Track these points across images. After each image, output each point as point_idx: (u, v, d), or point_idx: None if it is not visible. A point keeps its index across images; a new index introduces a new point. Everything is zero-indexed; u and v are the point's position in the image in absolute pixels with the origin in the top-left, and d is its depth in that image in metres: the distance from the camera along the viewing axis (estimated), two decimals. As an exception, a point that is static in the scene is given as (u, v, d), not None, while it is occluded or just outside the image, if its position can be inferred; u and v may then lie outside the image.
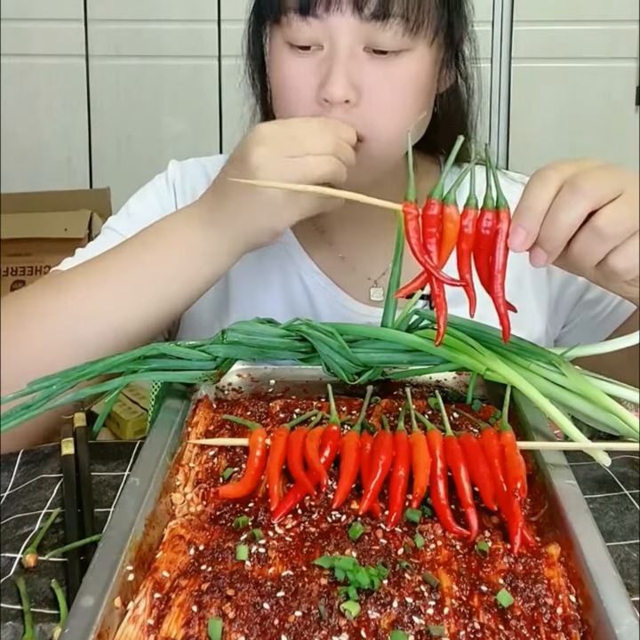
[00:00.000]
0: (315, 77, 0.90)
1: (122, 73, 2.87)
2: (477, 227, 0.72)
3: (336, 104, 0.89)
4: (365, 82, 0.90)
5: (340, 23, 0.89)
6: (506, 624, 0.56)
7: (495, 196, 0.71)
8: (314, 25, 0.90)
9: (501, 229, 0.71)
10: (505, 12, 2.82)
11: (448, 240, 0.72)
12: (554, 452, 0.72)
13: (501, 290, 0.72)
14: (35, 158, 2.90)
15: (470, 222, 0.71)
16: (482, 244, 0.72)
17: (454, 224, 0.71)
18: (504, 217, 0.71)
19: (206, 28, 2.80)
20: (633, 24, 2.77)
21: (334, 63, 0.89)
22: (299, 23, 0.90)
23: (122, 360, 0.81)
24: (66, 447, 0.83)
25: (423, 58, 0.92)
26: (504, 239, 0.71)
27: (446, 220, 0.71)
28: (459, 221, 0.71)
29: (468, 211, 0.71)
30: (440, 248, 0.72)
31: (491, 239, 0.71)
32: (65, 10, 2.82)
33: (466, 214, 0.72)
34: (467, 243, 0.72)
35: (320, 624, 0.55)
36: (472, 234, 0.71)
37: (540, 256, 0.72)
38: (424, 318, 0.85)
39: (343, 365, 0.83)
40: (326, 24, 0.89)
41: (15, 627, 0.61)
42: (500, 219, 0.71)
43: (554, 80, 2.87)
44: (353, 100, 0.89)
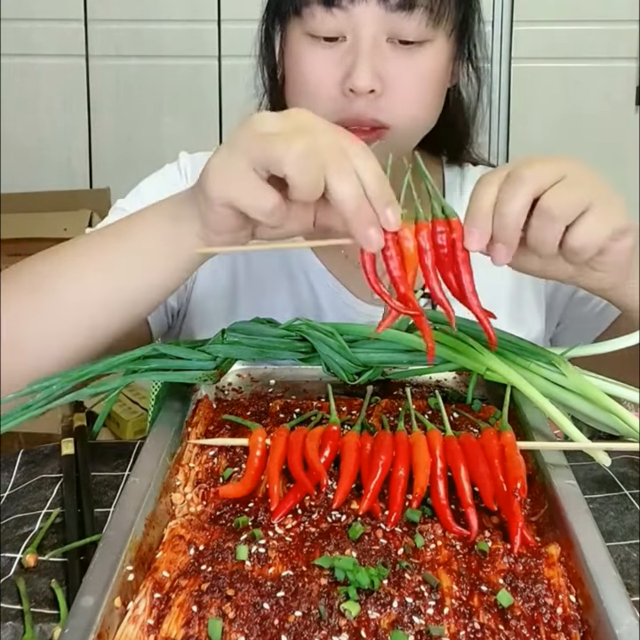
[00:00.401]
0: (339, 69, 0.91)
1: (122, 73, 2.87)
2: (433, 239, 0.71)
3: (361, 94, 0.90)
4: (389, 72, 0.91)
5: (365, 13, 0.89)
6: (506, 624, 0.56)
7: (441, 206, 0.71)
8: (338, 16, 0.90)
9: (456, 237, 0.71)
10: (505, 12, 2.82)
11: (410, 260, 0.71)
12: (554, 452, 0.72)
13: (475, 297, 0.72)
14: (35, 158, 2.90)
15: (425, 236, 0.71)
16: (442, 254, 0.71)
17: (412, 242, 0.70)
18: (455, 224, 0.71)
19: (206, 27, 2.81)
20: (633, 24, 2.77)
21: (359, 54, 0.89)
22: (323, 14, 0.90)
23: (122, 360, 0.81)
24: (66, 447, 0.83)
25: (442, 49, 0.94)
26: (461, 245, 0.71)
27: (403, 240, 0.70)
28: (414, 238, 0.70)
29: (420, 225, 0.71)
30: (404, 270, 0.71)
31: (449, 248, 0.71)
32: (65, 10, 2.82)
33: (419, 229, 0.71)
34: (428, 257, 0.71)
35: (320, 624, 0.55)
36: (430, 247, 0.71)
37: (499, 251, 0.72)
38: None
39: (343, 365, 0.83)
40: (351, 15, 0.90)
41: (15, 627, 0.61)
42: (453, 226, 0.71)
43: (554, 80, 2.87)
44: (378, 90, 0.90)
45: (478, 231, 0.71)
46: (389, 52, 0.91)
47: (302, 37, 0.93)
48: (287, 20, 0.95)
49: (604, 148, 2.65)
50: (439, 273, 0.72)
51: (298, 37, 0.94)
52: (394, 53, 0.91)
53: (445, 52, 0.95)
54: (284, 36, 0.97)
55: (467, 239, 0.71)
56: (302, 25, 0.93)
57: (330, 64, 0.91)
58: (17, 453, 0.85)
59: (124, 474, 0.80)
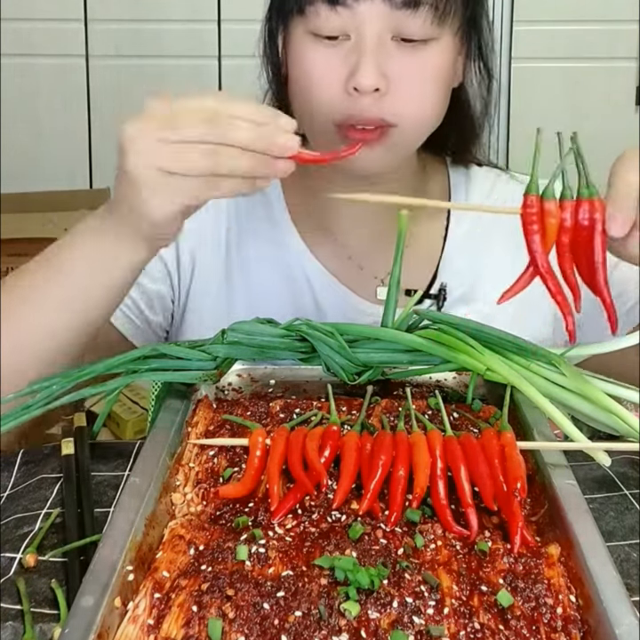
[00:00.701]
0: (343, 67, 0.90)
1: (122, 73, 2.87)
2: (575, 218, 0.70)
3: (365, 93, 0.89)
4: (394, 70, 0.90)
5: (370, 11, 0.89)
6: (506, 624, 0.56)
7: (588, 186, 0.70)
8: (342, 14, 0.90)
9: (597, 218, 0.70)
10: (505, 12, 2.82)
11: (549, 235, 0.71)
12: (554, 452, 0.72)
13: (605, 282, 0.71)
14: (35, 158, 2.90)
15: (569, 215, 0.70)
16: (580, 235, 0.71)
17: (555, 219, 0.70)
18: (599, 205, 0.70)
19: (206, 27, 2.80)
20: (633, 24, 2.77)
21: (364, 52, 0.89)
22: (327, 12, 0.90)
23: (122, 360, 0.81)
24: (66, 447, 0.83)
25: (448, 48, 0.93)
26: (601, 228, 0.70)
27: (547, 216, 0.70)
28: (559, 215, 0.70)
29: (565, 203, 0.70)
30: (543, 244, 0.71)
31: (588, 230, 0.70)
32: (65, 10, 2.82)
33: (564, 207, 0.70)
34: (566, 236, 0.71)
35: (320, 624, 0.55)
36: (571, 226, 0.71)
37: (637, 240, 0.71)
38: (424, 318, 0.85)
39: (343, 365, 0.83)
40: (356, 13, 0.89)
41: (15, 627, 0.61)
42: (595, 207, 0.70)
43: (554, 80, 2.87)
44: (383, 88, 0.89)
45: (622, 218, 0.70)
46: (394, 50, 0.91)
47: (305, 36, 0.93)
48: (290, 18, 0.95)
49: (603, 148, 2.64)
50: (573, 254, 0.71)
51: (301, 36, 0.93)
52: (398, 52, 0.91)
53: (451, 51, 0.94)
54: (287, 35, 0.97)
55: (609, 224, 0.70)
56: (306, 23, 0.92)
57: (334, 63, 0.91)
58: (17, 453, 0.85)
59: (124, 474, 0.80)
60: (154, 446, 0.73)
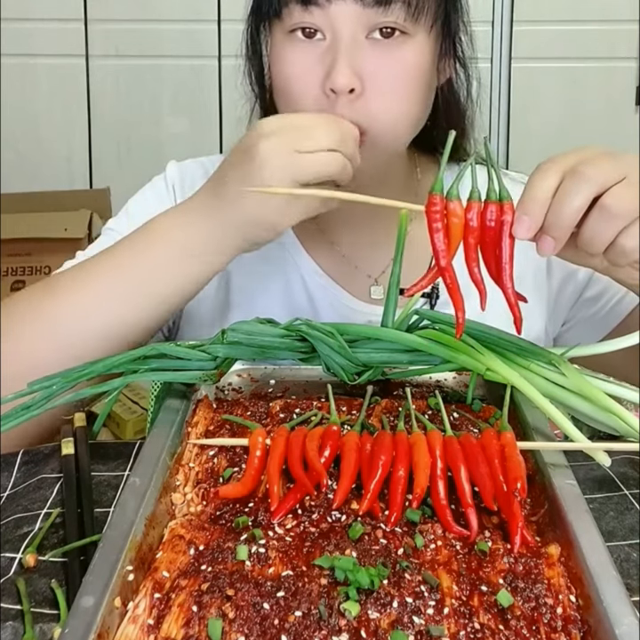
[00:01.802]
0: (319, 68, 0.90)
1: (122, 73, 2.87)
2: (482, 219, 0.72)
3: (341, 94, 0.89)
4: (369, 69, 0.90)
5: (343, 11, 0.89)
6: (506, 624, 0.56)
7: (497, 189, 0.72)
8: (316, 14, 0.90)
9: (506, 220, 0.71)
10: (505, 12, 2.82)
11: (454, 235, 0.72)
12: (554, 452, 0.72)
13: (510, 281, 0.72)
14: (35, 158, 2.90)
15: (475, 215, 0.71)
16: (487, 236, 0.72)
17: (459, 218, 0.71)
18: (508, 208, 0.72)
19: (206, 28, 2.80)
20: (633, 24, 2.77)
21: (338, 52, 0.89)
22: (301, 13, 0.90)
23: (122, 360, 0.81)
24: (66, 447, 0.83)
25: (423, 45, 0.93)
26: (509, 230, 0.71)
27: (451, 215, 0.71)
28: (463, 215, 0.72)
29: (472, 204, 0.72)
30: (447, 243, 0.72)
31: (496, 231, 0.72)
32: (65, 10, 2.82)
33: (470, 207, 0.72)
34: (473, 236, 0.72)
35: (320, 624, 0.55)
36: (477, 227, 0.72)
37: (548, 244, 0.72)
38: (424, 318, 0.85)
39: (343, 365, 0.83)
40: (328, 12, 0.89)
41: (15, 627, 0.61)
42: (504, 210, 0.72)
43: (554, 80, 2.87)
44: (358, 88, 0.89)
45: (530, 220, 0.71)
46: (369, 49, 0.90)
47: (283, 38, 0.93)
48: (268, 21, 0.96)
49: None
50: (481, 253, 0.72)
51: (280, 39, 0.94)
52: (373, 51, 0.90)
53: (427, 49, 0.94)
54: (266, 38, 0.98)
55: (516, 226, 0.71)
56: (282, 25, 0.93)
57: (311, 63, 0.91)
58: (17, 453, 0.85)
59: (124, 474, 0.80)
60: (154, 446, 0.73)
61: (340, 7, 0.89)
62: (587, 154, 0.73)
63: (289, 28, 0.92)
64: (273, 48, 0.96)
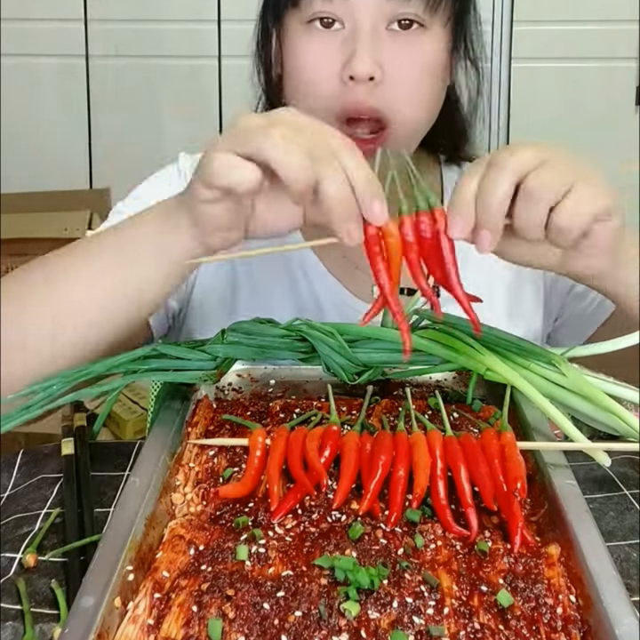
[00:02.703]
0: (338, 57, 0.91)
1: (122, 73, 2.87)
2: (417, 231, 0.71)
3: (360, 82, 0.89)
4: (388, 60, 0.91)
5: (364, 0, 0.89)
6: (506, 624, 0.56)
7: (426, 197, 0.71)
8: (336, 3, 0.90)
9: (440, 227, 0.70)
10: (505, 11, 2.82)
11: (394, 254, 0.70)
12: (554, 452, 0.72)
13: (458, 284, 0.71)
14: (35, 158, 2.90)
15: (409, 229, 0.70)
16: (426, 245, 0.71)
17: (394, 237, 0.70)
18: (439, 214, 0.71)
19: (206, 27, 2.80)
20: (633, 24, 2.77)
21: (359, 40, 0.89)
22: (321, 2, 0.91)
23: (122, 360, 0.80)
24: (66, 447, 0.83)
25: (439, 39, 0.94)
26: (444, 234, 0.71)
27: (387, 236, 0.70)
28: (398, 233, 0.70)
29: (403, 218, 0.70)
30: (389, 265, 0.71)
31: (433, 239, 0.71)
32: (65, 10, 2.82)
33: (402, 222, 0.70)
34: (413, 251, 0.71)
35: (320, 624, 0.55)
36: (414, 241, 0.71)
37: (484, 238, 0.71)
38: (424, 318, 0.85)
39: (343, 365, 0.83)
40: (350, 2, 0.90)
41: (15, 627, 0.61)
42: (436, 217, 0.70)
43: (554, 80, 2.87)
44: (378, 77, 0.90)
45: (461, 219, 0.70)
46: (388, 39, 0.91)
47: (300, 28, 0.93)
48: (285, 12, 0.95)
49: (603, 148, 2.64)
50: (425, 264, 0.71)
51: (296, 29, 0.94)
52: (392, 41, 0.91)
53: (442, 42, 0.95)
54: (282, 31, 0.97)
55: (450, 227, 0.70)
56: (300, 15, 0.93)
57: (329, 52, 0.91)
58: (17, 453, 0.85)
59: (124, 474, 0.80)
60: (154, 446, 0.73)
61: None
62: (505, 147, 0.74)
63: (307, 18, 0.92)
64: (288, 39, 0.95)
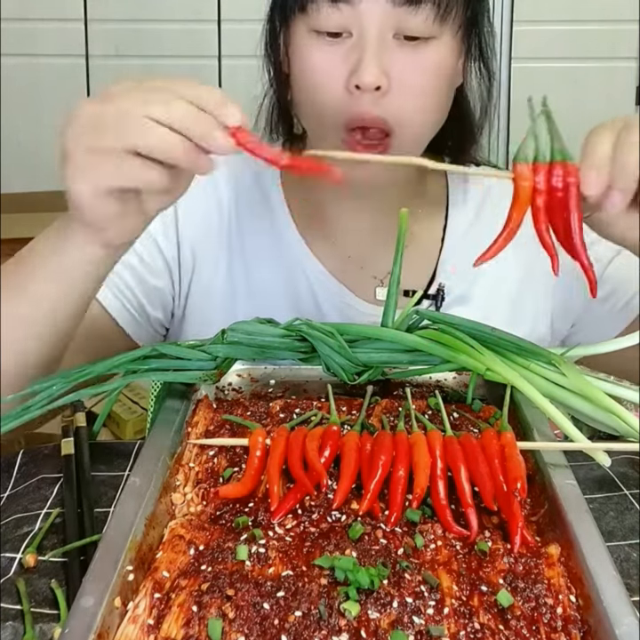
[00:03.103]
0: (344, 65, 0.90)
1: (122, 73, 2.87)
2: (549, 181, 0.71)
3: (367, 91, 0.89)
4: (395, 69, 0.90)
5: (372, 8, 0.89)
6: (506, 624, 0.56)
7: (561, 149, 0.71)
8: (344, 11, 0.89)
9: (572, 181, 0.70)
10: (505, 12, 2.82)
11: (523, 199, 0.71)
12: (554, 452, 0.72)
13: (581, 244, 0.71)
14: (35, 158, 2.90)
15: (543, 177, 0.71)
16: (555, 198, 0.71)
17: (528, 181, 0.71)
18: (573, 169, 0.71)
19: (206, 28, 2.81)
20: (633, 24, 2.77)
21: (366, 49, 0.89)
22: (329, 10, 0.90)
23: (122, 360, 0.80)
24: (66, 447, 0.83)
25: (449, 47, 0.93)
26: (576, 190, 0.70)
27: (519, 179, 0.70)
28: (531, 178, 0.71)
29: (539, 166, 0.71)
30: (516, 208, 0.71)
31: (564, 192, 0.70)
32: (65, 10, 2.83)
33: (537, 170, 0.71)
34: (540, 199, 0.71)
35: (320, 624, 0.55)
36: (545, 189, 0.71)
37: (616, 197, 0.71)
38: (424, 318, 0.85)
39: (343, 365, 0.83)
40: (357, 10, 0.89)
41: (15, 627, 0.61)
42: (570, 171, 0.71)
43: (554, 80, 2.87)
44: (384, 86, 0.89)
45: (596, 174, 0.70)
46: (395, 48, 0.90)
47: (307, 34, 0.92)
48: (292, 16, 0.95)
49: (604, 147, 2.64)
50: (549, 217, 0.72)
51: (303, 34, 0.93)
52: (400, 50, 0.90)
53: (452, 50, 0.94)
54: (288, 34, 0.96)
55: (584, 183, 0.70)
56: (307, 21, 0.92)
57: (335, 60, 0.90)
58: (17, 453, 0.85)
59: (124, 474, 0.80)
60: (154, 446, 0.73)
61: (369, 4, 0.88)
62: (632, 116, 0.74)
63: (315, 27, 0.91)
64: (295, 44, 0.95)
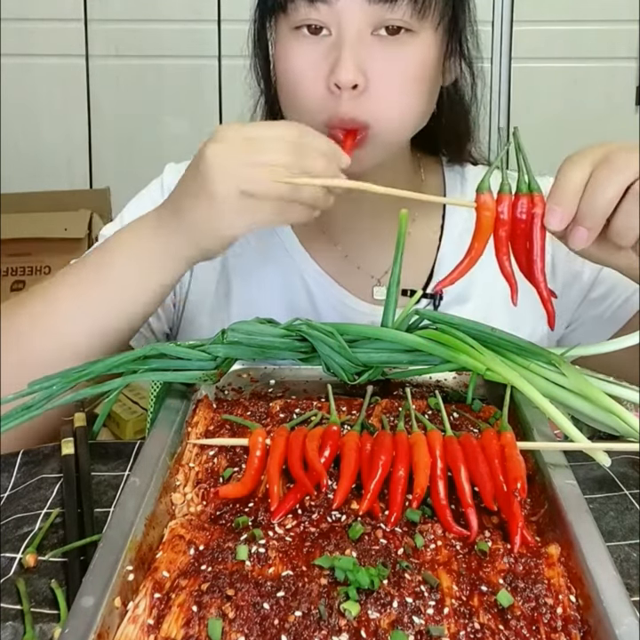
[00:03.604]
0: (324, 63, 0.90)
1: (122, 73, 2.87)
2: (513, 212, 0.71)
3: (345, 90, 0.89)
4: (374, 66, 0.90)
5: (349, 6, 0.89)
6: (506, 624, 0.56)
7: (527, 181, 0.71)
8: (322, 10, 0.90)
9: (537, 213, 0.71)
10: (505, 11, 2.82)
11: (485, 228, 0.71)
12: (554, 452, 0.72)
13: (542, 275, 0.72)
14: (35, 158, 2.90)
15: (506, 208, 0.71)
16: (518, 229, 0.71)
17: (491, 211, 0.71)
18: (538, 200, 0.71)
19: (206, 28, 2.80)
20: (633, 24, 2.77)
21: (343, 48, 0.89)
22: (307, 9, 0.90)
23: (122, 360, 0.81)
24: (66, 447, 0.83)
25: (429, 43, 0.93)
26: (540, 222, 0.71)
27: (482, 208, 0.71)
28: (495, 208, 0.71)
29: (502, 196, 0.71)
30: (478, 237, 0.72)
31: (527, 224, 0.71)
32: (65, 10, 2.82)
33: (500, 200, 0.71)
34: (503, 229, 0.71)
35: (320, 624, 0.55)
36: (508, 220, 0.71)
37: (581, 235, 0.71)
38: (424, 318, 0.85)
39: (343, 365, 0.83)
40: (334, 8, 0.89)
41: (15, 627, 0.61)
42: (535, 202, 0.71)
43: (554, 80, 2.87)
44: (361, 84, 0.89)
45: (562, 210, 0.70)
46: (375, 45, 0.90)
47: (289, 34, 0.93)
48: (274, 16, 0.95)
49: (604, 147, 2.64)
50: (512, 247, 0.72)
51: (285, 34, 0.94)
52: (379, 47, 0.90)
53: (433, 46, 0.93)
54: (273, 35, 0.97)
55: (548, 217, 0.71)
56: (288, 21, 0.93)
57: (316, 59, 0.91)
58: (17, 453, 0.85)
59: (124, 474, 0.80)
60: (154, 446, 0.73)
61: (346, 3, 0.89)
62: (614, 146, 0.74)
63: (295, 24, 0.92)
64: (278, 43, 0.95)
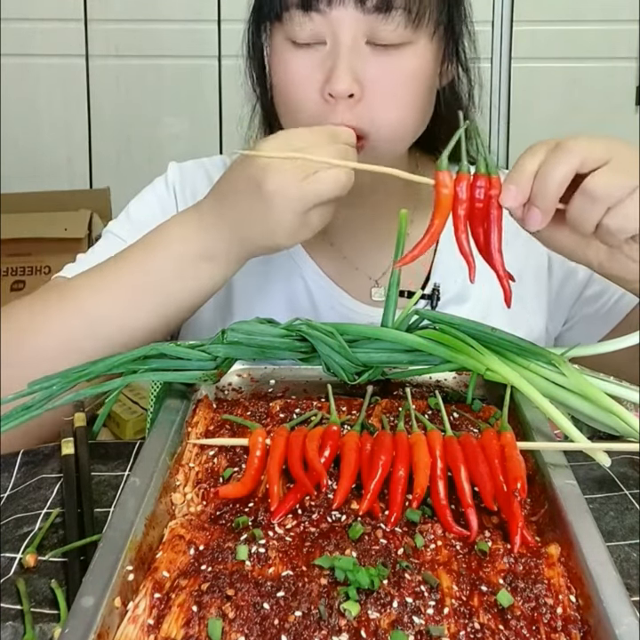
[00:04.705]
0: (319, 73, 0.90)
1: (122, 73, 2.87)
2: (471, 191, 0.73)
3: (340, 99, 0.89)
4: (368, 75, 0.90)
5: (343, 17, 0.89)
6: (506, 624, 0.56)
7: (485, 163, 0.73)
8: (316, 20, 0.90)
9: (494, 193, 0.73)
10: (505, 11, 2.82)
11: (443, 206, 0.73)
12: (554, 452, 0.72)
13: (498, 254, 0.74)
14: (35, 158, 2.90)
15: (464, 187, 0.73)
16: (476, 208, 0.73)
17: (449, 189, 0.72)
18: (495, 181, 0.73)
19: (206, 28, 2.81)
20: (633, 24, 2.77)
21: (338, 58, 0.89)
22: (301, 19, 0.90)
23: (122, 360, 0.81)
24: (66, 447, 0.83)
25: (425, 51, 0.93)
26: (497, 202, 0.73)
27: (440, 186, 0.73)
28: (453, 186, 0.73)
29: (461, 176, 0.73)
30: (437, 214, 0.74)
31: (484, 203, 0.73)
32: (65, 10, 2.82)
33: (459, 179, 0.73)
34: (462, 208, 0.73)
35: (320, 624, 0.55)
36: (466, 199, 0.73)
37: (535, 215, 0.73)
38: (424, 318, 0.85)
39: (343, 365, 0.83)
40: (329, 18, 0.89)
41: (15, 627, 0.61)
42: (492, 183, 0.73)
43: (554, 80, 2.87)
44: (357, 94, 0.89)
45: (516, 189, 0.72)
46: (369, 55, 0.90)
47: (284, 43, 0.93)
48: (269, 24, 0.95)
49: (603, 147, 2.64)
50: (470, 227, 0.73)
51: (280, 43, 0.93)
52: (373, 56, 0.90)
53: (429, 54, 0.93)
54: (268, 42, 0.97)
55: (503, 195, 0.73)
56: (283, 30, 0.92)
57: (311, 69, 0.91)
58: (17, 453, 0.85)
59: (124, 474, 0.80)
60: (154, 446, 0.73)
61: (340, 13, 0.89)
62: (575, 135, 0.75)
63: (289, 36, 0.92)
64: (273, 52, 0.95)
